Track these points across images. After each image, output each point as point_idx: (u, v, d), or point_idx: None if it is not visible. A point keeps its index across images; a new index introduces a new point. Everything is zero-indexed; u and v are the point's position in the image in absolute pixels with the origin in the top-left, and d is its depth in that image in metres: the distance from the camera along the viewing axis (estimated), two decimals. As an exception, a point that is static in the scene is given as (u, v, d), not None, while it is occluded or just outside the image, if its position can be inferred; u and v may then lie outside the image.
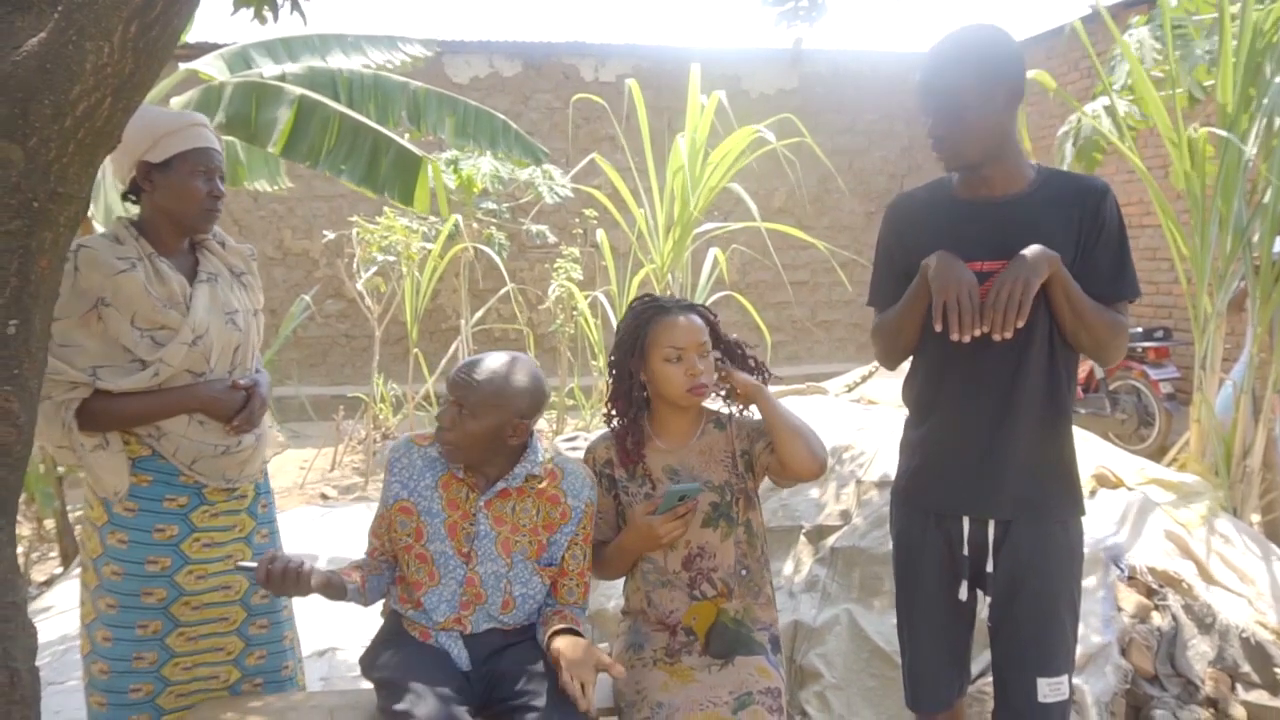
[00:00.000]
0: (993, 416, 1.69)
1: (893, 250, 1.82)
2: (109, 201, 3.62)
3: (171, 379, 1.86)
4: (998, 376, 1.68)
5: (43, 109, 1.32)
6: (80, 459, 1.83)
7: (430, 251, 6.33)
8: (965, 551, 1.73)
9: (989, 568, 1.71)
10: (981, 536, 1.72)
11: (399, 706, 1.67)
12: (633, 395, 1.95)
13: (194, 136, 1.89)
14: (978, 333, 1.59)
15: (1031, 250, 1.58)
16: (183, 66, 4.28)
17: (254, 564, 1.76)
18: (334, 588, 1.79)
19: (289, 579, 1.71)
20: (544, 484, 1.88)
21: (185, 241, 1.96)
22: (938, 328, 1.62)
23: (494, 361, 1.84)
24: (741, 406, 1.99)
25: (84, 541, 1.95)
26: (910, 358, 1.84)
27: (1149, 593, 2.51)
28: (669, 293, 5.71)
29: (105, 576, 1.89)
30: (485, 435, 1.80)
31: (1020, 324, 1.55)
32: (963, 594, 1.74)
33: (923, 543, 1.80)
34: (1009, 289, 1.55)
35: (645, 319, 1.92)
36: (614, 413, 1.99)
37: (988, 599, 1.75)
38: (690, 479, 1.93)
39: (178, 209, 1.89)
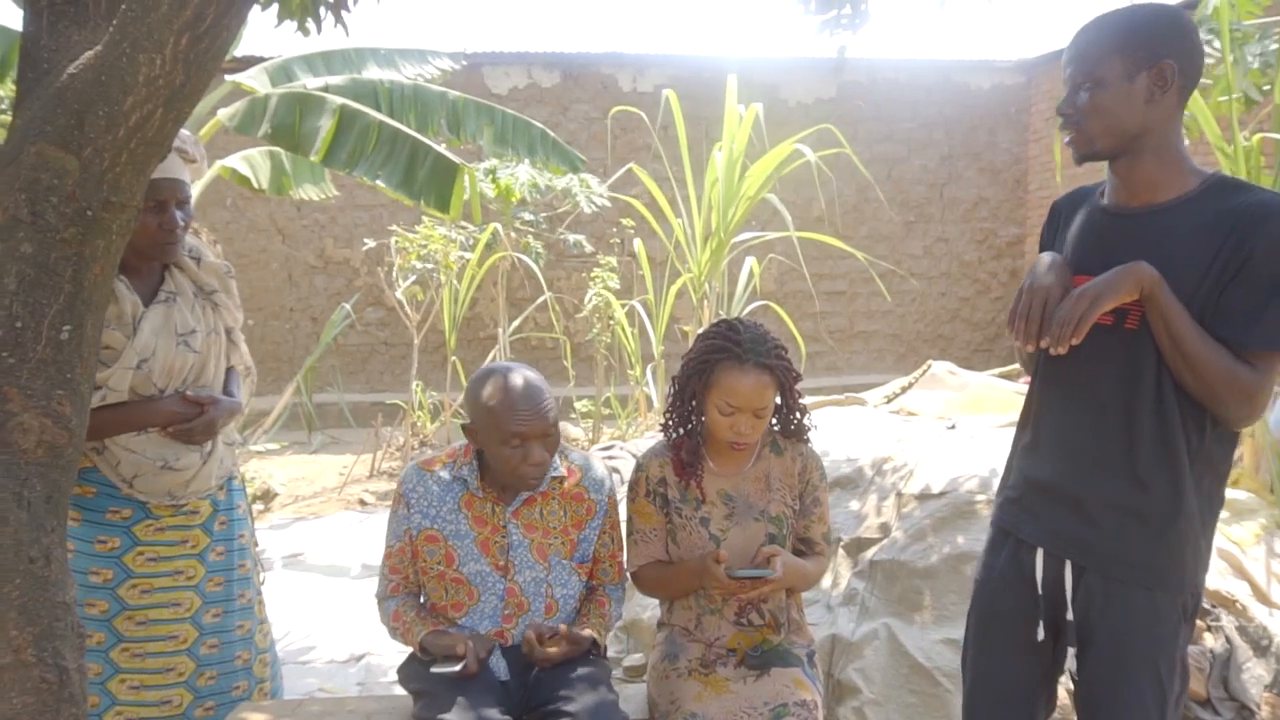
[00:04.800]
0: (1085, 442, 1.52)
1: (1046, 245, 1.68)
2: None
3: (117, 399, 1.87)
4: (1101, 400, 1.50)
5: (97, 120, 1.35)
6: None
7: (468, 260, 6.39)
8: (1040, 590, 1.57)
9: (1069, 615, 1.54)
10: (1056, 574, 1.54)
11: (435, 714, 1.68)
12: (690, 410, 1.91)
13: None
14: (1044, 344, 1.45)
15: (1123, 266, 1.41)
16: (228, 79, 4.38)
17: (456, 668, 1.74)
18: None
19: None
20: (566, 483, 1.90)
21: (154, 261, 1.94)
22: (1008, 331, 1.53)
23: (525, 382, 1.81)
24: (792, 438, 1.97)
25: None
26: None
27: (1201, 613, 2.44)
28: (705, 301, 5.70)
29: None
30: (554, 451, 1.85)
31: (1075, 341, 1.41)
32: (1039, 635, 1.57)
33: (996, 568, 1.65)
34: (1072, 303, 1.41)
35: (718, 356, 1.82)
36: (671, 423, 1.94)
37: (1071, 650, 1.56)
38: (749, 516, 1.90)
39: (135, 240, 1.81)
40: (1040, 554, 1.57)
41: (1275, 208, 1.37)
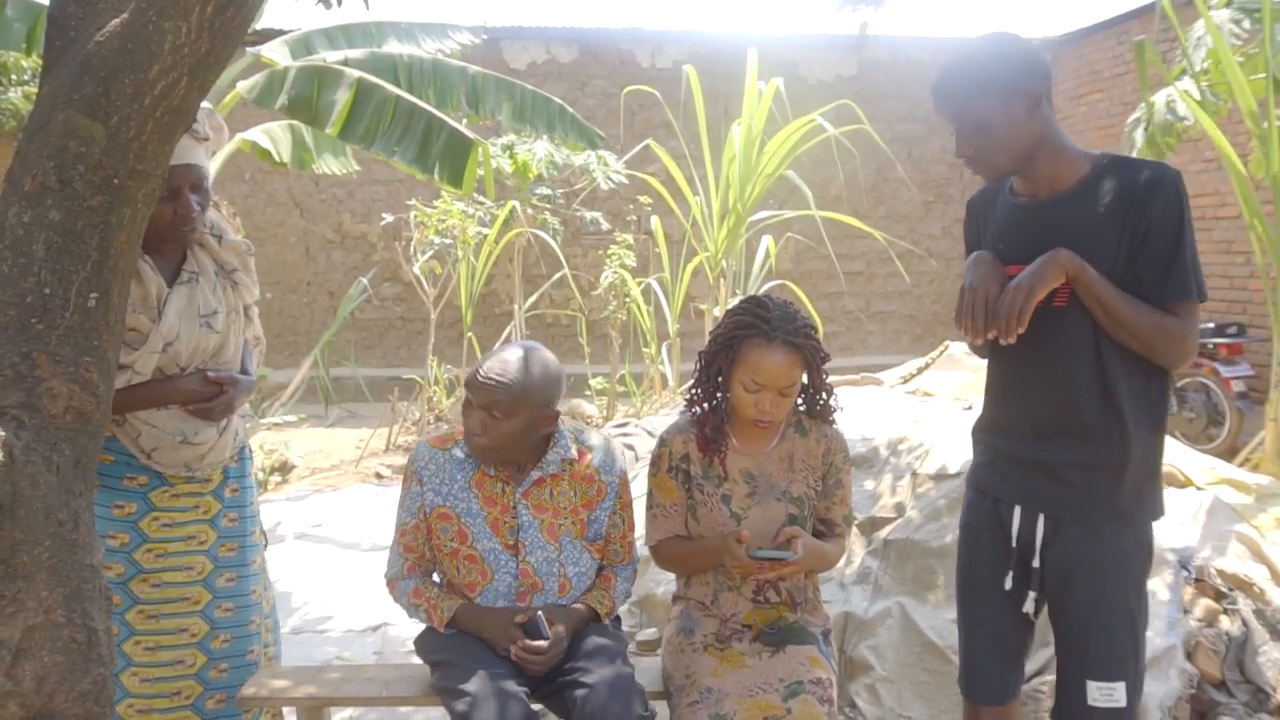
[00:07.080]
0: (1043, 412, 1.67)
1: (972, 246, 1.83)
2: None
3: (140, 381, 1.88)
4: (1049, 374, 1.66)
5: (124, 88, 1.36)
6: None
7: (485, 236, 6.39)
8: (1014, 544, 1.71)
9: (1035, 563, 1.69)
10: (1030, 530, 1.69)
11: (455, 685, 1.71)
12: (715, 386, 1.91)
13: None
14: (991, 336, 1.62)
15: (1046, 256, 1.58)
16: (249, 51, 4.38)
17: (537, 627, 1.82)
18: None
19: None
20: (578, 465, 1.91)
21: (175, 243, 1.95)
22: (957, 328, 1.67)
23: (511, 360, 1.83)
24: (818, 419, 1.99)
25: None
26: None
27: (1218, 596, 2.43)
28: (722, 279, 5.68)
29: None
30: (519, 433, 1.82)
31: (1020, 331, 1.58)
32: (1008, 584, 1.72)
33: (978, 526, 1.78)
34: (1010, 297, 1.58)
35: (746, 333, 1.83)
36: (695, 398, 1.94)
37: (1031, 594, 1.73)
38: (770, 495, 1.90)
39: (154, 223, 1.78)
40: (1017, 510, 1.71)
41: (1160, 178, 1.57)
